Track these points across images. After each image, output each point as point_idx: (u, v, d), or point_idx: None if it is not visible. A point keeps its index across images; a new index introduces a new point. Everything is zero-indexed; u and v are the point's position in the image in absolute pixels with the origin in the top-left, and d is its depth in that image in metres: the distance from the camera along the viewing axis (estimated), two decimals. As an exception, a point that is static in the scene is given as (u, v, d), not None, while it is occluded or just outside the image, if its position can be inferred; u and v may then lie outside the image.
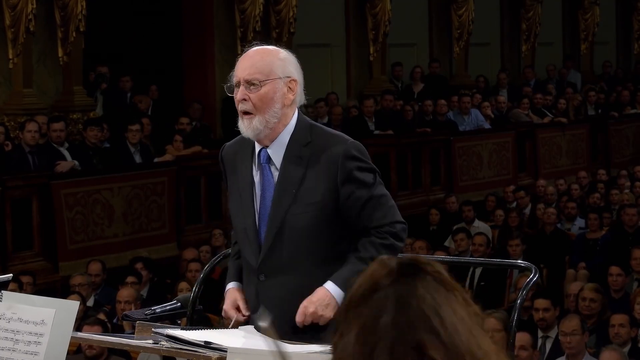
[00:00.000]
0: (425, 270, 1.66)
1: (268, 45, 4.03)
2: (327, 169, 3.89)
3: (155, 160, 12.55)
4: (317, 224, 3.88)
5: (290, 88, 3.92)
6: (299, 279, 3.88)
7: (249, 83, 3.88)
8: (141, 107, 13.51)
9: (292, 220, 3.88)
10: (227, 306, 3.97)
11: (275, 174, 3.94)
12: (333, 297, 3.82)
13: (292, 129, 3.95)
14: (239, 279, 4.07)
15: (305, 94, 4.01)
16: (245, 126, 3.90)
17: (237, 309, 3.97)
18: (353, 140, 3.99)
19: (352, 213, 3.89)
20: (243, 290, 4.03)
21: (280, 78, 3.89)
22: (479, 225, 13.36)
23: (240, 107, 3.89)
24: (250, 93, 3.88)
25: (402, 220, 3.96)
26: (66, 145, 11.83)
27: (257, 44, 4.03)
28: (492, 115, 16.64)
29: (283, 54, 3.96)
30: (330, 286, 3.82)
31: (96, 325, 7.52)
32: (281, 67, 3.91)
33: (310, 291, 3.84)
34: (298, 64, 3.98)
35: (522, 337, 7.34)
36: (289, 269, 3.89)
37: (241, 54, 4.00)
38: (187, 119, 13.55)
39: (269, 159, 3.95)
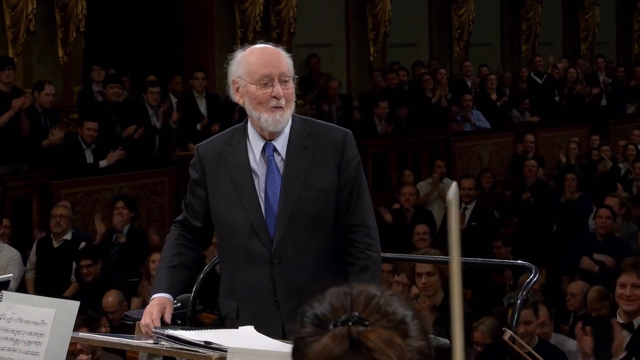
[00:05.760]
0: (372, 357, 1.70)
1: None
2: (331, 155, 4.00)
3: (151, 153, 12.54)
4: (328, 209, 3.99)
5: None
6: (314, 262, 3.96)
7: (282, 79, 3.95)
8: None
9: (304, 205, 3.96)
10: (155, 315, 3.89)
11: (281, 164, 4.00)
12: None
13: (291, 122, 4.04)
14: (170, 290, 4.04)
15: None
16: (275, 120, 3.94)
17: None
18: (346, 129, 4.16)
19: (342, 204, 4.01)
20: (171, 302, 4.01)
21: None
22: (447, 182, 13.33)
23: (277, 103, 3.93)
24: (284, 89, 3.95)
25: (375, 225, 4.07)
26: (93, 146, 11.62)
27: (262, 42, 4.12)
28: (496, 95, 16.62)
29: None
30: None
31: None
32: (292, 65, 4.03)
33: (326, 274, 3.88)
34: None
35: (541, 312, 7.24)
36: (304, 252, 3.96)
37: (249, 51, 4.01)
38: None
39: (274, 151, 4.01)
